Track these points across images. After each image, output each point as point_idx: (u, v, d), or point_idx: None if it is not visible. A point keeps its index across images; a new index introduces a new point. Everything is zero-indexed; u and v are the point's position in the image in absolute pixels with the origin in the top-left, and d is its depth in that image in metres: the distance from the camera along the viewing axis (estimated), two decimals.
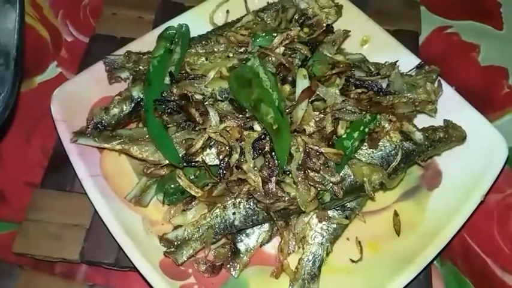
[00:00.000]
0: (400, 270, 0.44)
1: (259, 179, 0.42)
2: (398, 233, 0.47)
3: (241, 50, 0.51)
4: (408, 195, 0.50)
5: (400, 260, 0.45)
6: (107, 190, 0.46)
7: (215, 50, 0.51)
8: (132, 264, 0.43)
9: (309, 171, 0.43)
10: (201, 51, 0.52)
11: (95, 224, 0.48)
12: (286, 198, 0.42)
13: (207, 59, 0.51)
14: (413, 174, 0.51)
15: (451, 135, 0.49)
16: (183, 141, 0.46)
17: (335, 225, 0.46)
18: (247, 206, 0.44)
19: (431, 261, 0.45)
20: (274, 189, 0.42)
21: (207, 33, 0.54)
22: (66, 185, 0.50)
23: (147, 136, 0.47)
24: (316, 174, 0.43)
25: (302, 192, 0.42)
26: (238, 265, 0.45)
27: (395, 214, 0.48)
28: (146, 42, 0.53)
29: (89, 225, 0.48)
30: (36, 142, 0.53)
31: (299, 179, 0.42)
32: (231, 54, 0.50)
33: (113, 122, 0.49)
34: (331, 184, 0.43)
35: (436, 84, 0.51)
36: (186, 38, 0.52)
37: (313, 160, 0.43)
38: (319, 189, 0.43)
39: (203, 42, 0.53)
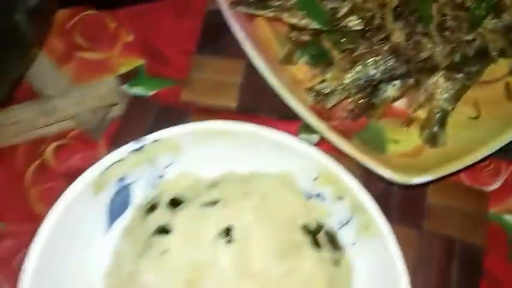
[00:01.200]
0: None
1: (403, 35, 0.50)
2: (510, 95, 0.54)
3: None
4: None
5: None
6: (260, 51, 0.54)
7: None
8: (285, 111, 0.50)
9: (444, 31, 0.50)
10: None
11: (250, 80, 0.56)
12: (426, 50, 0.50)
13: None
14: None
15: None
16: (329, 9, 0.54)
17: (459, 86, 0.53)
18: (387, 62, 0.51)
19: None
20: (415, 44, 0.50)
21: None
22: (220, 50, 0.58)
23: (296, 5, 0.55)
24: (451, 35, 0.50)
25: (439, 47, 0.50)
26: (375, 114, 0.53)
27: (507, 84, 0.55)
28: None
29: (244, 81, 0.56)
30: (188, 15, 0.61)
31: (436, 37, 0.50)
32: None
33: None
34: (463, 44, 0.50)
35: None
36: None
37: (448, 22, 0.50)
38: (453, 45, 0.50)
39: None
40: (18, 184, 0.52)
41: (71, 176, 0.52)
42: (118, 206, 0.42)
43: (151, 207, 0.39)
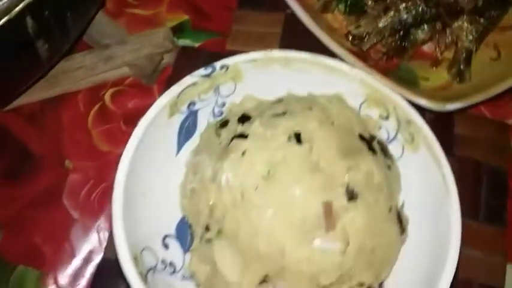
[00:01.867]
0: None
1: None
2: None
3: None
4: None
5: None
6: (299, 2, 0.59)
7: None
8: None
9: None
10: None
11: (288, 30, 0.61)
12: None
13: None
14: None
15: None
16: None
17: (481, 29, 0.58)
18: (418, 7, 0.56)
19: None
20: None
21: None
22: (260, 5, 0.63)
23: None
24: None
25: None
26: (406, 56, 0.58)
27: None
28: None
29: (283, 31, 0.61)
30: None
31: None
32: None
33: None
34: None
35: None
36: None
37: None
38: None
39: None
40: (82, 125, 0.57)
41: (129, 117, 0.58)
42: (186, 131, 0.47)
43: (223, 124, 0.44)
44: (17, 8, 0.36)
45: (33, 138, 0.56)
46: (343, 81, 0.46)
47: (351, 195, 0.38)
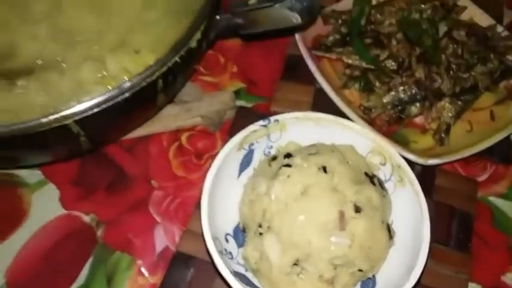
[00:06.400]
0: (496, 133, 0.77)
1: (423, 73, 0.78)
2: (493, 118, 0.81)
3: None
4: (499, 103, 0.84)
5: (496, 130, 0.78)
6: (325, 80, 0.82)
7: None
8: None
9: (449, 71, 0.78)
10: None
11: (317, 100, 0.83)
12: (437, 83, 0.78)
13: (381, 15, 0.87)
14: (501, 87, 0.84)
15: None
16: (374, 55, 0.82)
17: (459, 109, 0.80)
18: (412, 90, 0.79)
19: None
20: (430, 78, 0.78)
21: None
22: (296, 79, 0.86)
23: (352, 51, 0.83)
24: (454, 74, 0.78)
25: (446, 81, 0.78)
26: (402, 124, 0.80)
27: (491, 111, 0.83)
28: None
29: (313, 100, 0.84)
30: (274, 55, 0.90)
31: (444, 75, 0.78)
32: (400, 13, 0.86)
33: (330, 44, 0.85)
34: (461, 80, 0.78)
35: None
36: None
37: (452, 65, 0.79)
38: (455, 81, 0.78)
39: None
40: (165, 157, 0.79)
41: (198, 154, 0.79)
42: (245, 163, 0.68)
43: (273, 158, 0.66)
44: (157, 73, 0.59)
45: (129, 164, 0.78)
46: (355, 136, 0.67)
47: (357, 209, 0.58)
